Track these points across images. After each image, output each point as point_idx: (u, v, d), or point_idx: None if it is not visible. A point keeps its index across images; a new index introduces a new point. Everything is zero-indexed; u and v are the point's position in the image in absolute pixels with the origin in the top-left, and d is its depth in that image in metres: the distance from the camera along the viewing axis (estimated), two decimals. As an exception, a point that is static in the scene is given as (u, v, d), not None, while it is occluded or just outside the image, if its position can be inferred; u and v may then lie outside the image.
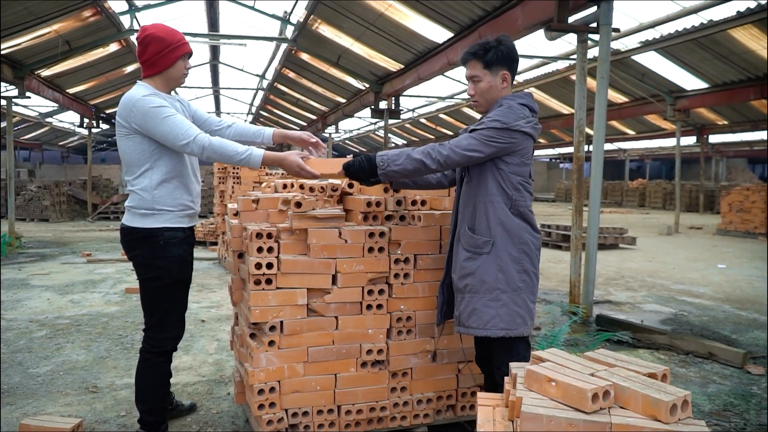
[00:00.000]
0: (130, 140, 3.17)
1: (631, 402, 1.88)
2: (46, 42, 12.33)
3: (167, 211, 3.24)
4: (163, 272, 3.27)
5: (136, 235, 3.25)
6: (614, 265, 10.77)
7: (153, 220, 3.22)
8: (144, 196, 3.21)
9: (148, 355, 3.38)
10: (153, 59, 3.21)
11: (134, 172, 3.22)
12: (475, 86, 3.07)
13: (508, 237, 2.98)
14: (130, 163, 3.23)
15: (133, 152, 3.18)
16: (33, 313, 6.63)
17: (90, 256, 10.85)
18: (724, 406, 4.25)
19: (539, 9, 7.55)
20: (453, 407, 3.68)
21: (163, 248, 3.24)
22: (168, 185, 3.24)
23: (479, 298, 3.00)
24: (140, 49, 3.24)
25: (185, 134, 3.07)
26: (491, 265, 2.98)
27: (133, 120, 3.10)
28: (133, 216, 3.26)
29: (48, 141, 38.76)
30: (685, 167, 32.45)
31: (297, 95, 22.44)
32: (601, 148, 6.39)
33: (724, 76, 14.51)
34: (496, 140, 2.91)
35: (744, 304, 7.62)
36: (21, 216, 18.43)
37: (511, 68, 3.05)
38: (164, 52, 3.20)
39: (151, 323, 3.38)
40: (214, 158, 3.11)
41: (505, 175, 2.98)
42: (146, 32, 3.20)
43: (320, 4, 11.80)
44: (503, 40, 3.02)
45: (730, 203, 16.91)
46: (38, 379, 4.55)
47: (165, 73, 3.26)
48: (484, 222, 3.00)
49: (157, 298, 3.33)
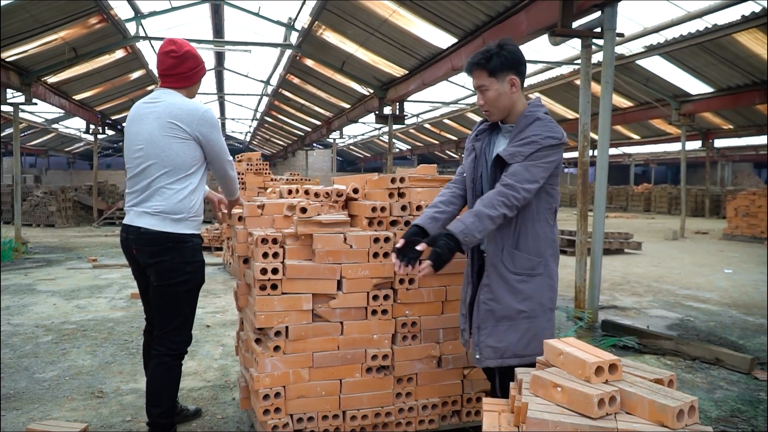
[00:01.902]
0: (186, 144, 3.28)
1: (637, 407, 1.88)
2: (52, 49, 12.39)
3: (197, 218, 3.41)
4: (192, 276, 3.39)
5: (167, 240, 3.27)
6: (620, 270, 10.74)
7: (184, 226, 3.32)
8: (183, 201, 3.29)
9: (167, 358, 3.40)
10: (189, 74, 3.42)
11: (177, 174, 3.28)
12: (484, 96, 2.92)
13: (554, 255, 2.93)
14: (177, 165, 3.27)
15: (185, 156, 3.29)
16: (39, 318, 6.64)
17: (96, 261, 10.88)
18: (731, 412, 4.23)
19: (543, 14, 7.55)
20: (458, 413, 3.68)
21: (192, 253, 3.37)
22: (199, 193, 3.42)
23: (539, 321, 2.87)
24: (175, 62, 3.35)
25: (227, 151, 3.51)
26: (545, 286, 2.89)
27: (199, 128, 3.29)
28: (162, 221, 3.25)
29: (54, 147, 38.93)
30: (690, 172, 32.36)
31: (301, 101, 22.48)
32: (606, 153, 6.38)
33: (729, 81, 14.48)
34: (552, 160, 2.80)
35: (751, 309, 7.58)
36: (27, 221, 18.51)
37: (519, 71, 2.90)
38: (197, 69, 3.47)
39: (171, 327, 3.40)
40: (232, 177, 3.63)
41: (549, 187, 2.88)
42: (184, 48, 3.38)
43: (325, 10, 11.83)
44: (505, 44, 2.88)
45: (736, 208, 16.86)
46: (44, 384, 4.56)
47: (192, 88, 3.51)
48: (532, 241, 2.87)
49: (181, 302, 3.40)
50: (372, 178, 3.83)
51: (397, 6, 10.47)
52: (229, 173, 3.56)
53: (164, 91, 3.38)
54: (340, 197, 3.71)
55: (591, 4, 6.47)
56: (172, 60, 3.34)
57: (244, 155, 10.70)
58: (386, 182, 3.60)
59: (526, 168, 2.75)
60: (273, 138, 39.29)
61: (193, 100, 3.42)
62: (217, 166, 3.49)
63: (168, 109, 3.26)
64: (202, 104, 3.40)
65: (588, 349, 2.12)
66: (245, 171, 9.91)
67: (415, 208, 3.58)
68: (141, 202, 3.29)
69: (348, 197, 3.74)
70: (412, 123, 27.58)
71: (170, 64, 3.35)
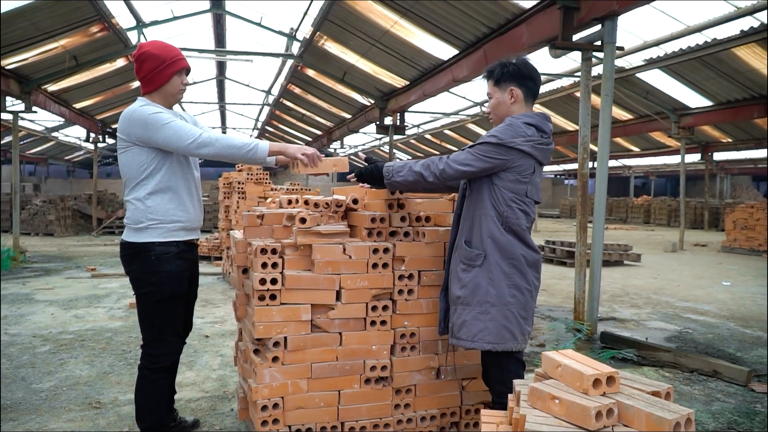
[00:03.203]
0: (129, 153, 3.20)
1: (634, 420, 1.88)
2: (53, 57, 12.43)
3: (159, 224, 3.24)
4: (156, 288, 3.26)
5: (130, 250, 3.27)
6: (619, 282, 10.74)
7: (145, 235, 3.23)
8: (138, 207, 3.22)
9: (146, 371, 3.36)
10: (149, 76, 3.25)
11: (130, 185, 3.26)
12: (490, 103, 3.18)
13: (498, 252, 3.01)
14: (127, 176, 3.26)
15: (131, 164, 3.21)
16: (37, 328, 6.63)
17: (94, 270, 10.88)
18: (729, 424, 4.23)
19: (544, 27, 7.60)
20: (457, 424, 3.67)
21: (155, 263, 3.23)
22: (160, 197, 3.24)
23: (470, 310, 3.03)
24: (137, 66, 3.28)
25: (189, 134, 3.09)
26: (483, 279, 3.01)
27: (133, 131, 3.14)
28: (128, 231, 3.30)
29: (54, 155, 38.95)
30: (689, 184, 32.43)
31: (302, 111, 22.53)
32: (606, 165, 6.40)
33: (728, 95, 14.54)
34: (490, 156, 2.96)
35: (749, 322, 7.58)
36: (26, 230, 18.51)
37: (523, 84, 3.09)
38: (160, 68, 3.23)
39: (148, 339, 3.37)
40: (222, 154, 3.11)
41: (499, 191, 3.01)
42: (142, 50, 3.24)
43: (326, 21, 11.89)
44: (517, 60, 3.12)
45: (735, 220, 16.87)
46: (41, 395, 4.55)
47: (162, 89, 3.29)
48: (479, 235, 3.05)
49: (152, 313, 3.32)
50: (372, 189, 3.84)
51: (399, 17, 10.52)
52: (202, 153, 3.11)
53: (138, 99, 3.32)
54: (340, 207, 3.71)
55: (591, 18, 6.52)
56: (135, 65, 3.28)
57: (244, 165, 10.72)
58: (386, 193, 3.61)
59: (462, 152, 3.04)
60: (273, 148, 39.28)
61: (135, 104, 3.22)
62: (188, 156, 3.31)
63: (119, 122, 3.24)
64: (136, 104, 3.22)
65: (586, 361, 2.12)
66: (245, 180, 9.92)
67: (415, 219, 3.59)
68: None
69: (348, 208, 3.75)
70: (413, 133, 27.63)
71: (135, 69, 3.29)
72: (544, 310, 7.83)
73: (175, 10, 12.96)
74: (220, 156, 3.12)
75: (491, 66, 3.16)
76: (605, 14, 6.34)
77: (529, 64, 3.12)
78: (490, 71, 3.15)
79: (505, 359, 3.03)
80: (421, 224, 3.61)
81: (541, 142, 3.02)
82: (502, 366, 3.03)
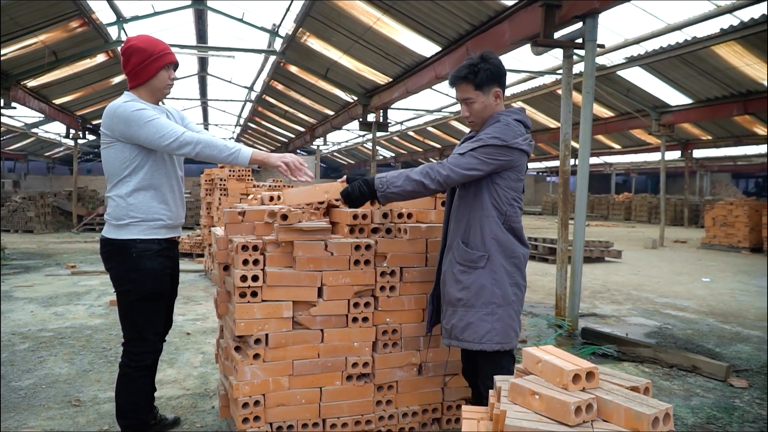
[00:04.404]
0: (112, 149, 3.17)
1: (613, 415, 1.89)
2: (32, 52, 12.29)
3: (140, 221, 3.20)
4: (136, 286, 3.23)
5: (110, 246, 3.23)
6: (600, 278, 10.83)
7: (126, 232, 3.19)
8: (119, 204, 3.19)
9: (128, 369, 3.33)
10: (135, 70, 3.21)
11: (112, 181, 3.22)
12: (470, 108, 3.04)
13: (501, 251, 2.99)
14: (110, 172, 3.23)
15: (114, 161, 3.17)
16: (16, 326, 6.56)
17: (74, 267, 10.77)
18: (707, 419, 4.28)
19: (526, 24, 7.63)
20: (438, 420, 3.68)
21: (136, 261, 3.20)
22: (143, 194, 3.21)
23: (475, 312, 2.99)
24: (124, 60, 3.24)
25: (171, 133, 3.06)
26: (487, 280, 2.98)
27: (116, 127, 3.10)
28: (108, 227, 3.25)
29: (33, 152, 38.50)
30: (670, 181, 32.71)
31: (285, 107, 22.47)
32: (587, 162, 6.44)
33: (707, 92, 14.70)
34: (496, 158, 2.91)
35: (727, 318, 7.67)
36: (5, 227, 18.29)
37: (501, 83, 3.05)
38: (146, 62, 3.19)
39: (128, 336, 3.34)
40: (204, 154, 3.08)
41: (501, 190, 2.98)
42: (129, 43, 3.22)
43: (309, 17, 11.86)
44: (489, 57, 3.01)
45: (714, 217, 17.07)
46: (20, 393, 4.50)
47: (148, 83, 3.25)
48: (479, 236, 3.00)
49: (132, 311, 3.29)
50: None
51: (382, 14, 10.52)
52: (182, 152, 3.10)
53: (124, 93, 3.28)
54: (322, 204, 3.71)
55: (573, 15, 6.56)
56: (122, 59, 3.25)
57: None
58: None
59: (462, 155, 2.93)
60: (256, 144, 39.16)
61: (114, 101, 3.19)
62: (171, 154, 3.25)
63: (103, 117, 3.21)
64: (120, 100, 3.17)
65: (566, 357, 2.13)
66: (228, 177, 9.87)
67: (397, 215, 3.59)
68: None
69: (329, 204, 3.75)
70: (395, 130, 27.68)
71: (122, 64, 3.26)
72: (527, 307, 7.86)
73: (156, 5, 12.87)
74: (200, 156, 3.09)
75: (465, 71, 3.00)
76: (586, 12, 6.38)
77: (499, 59, 3.06)
78: (469, 76, 2.99)
79: (501, 356, 3.03)
80: (402, 221, 3.61)
81: (530, 139, 3.05)
82: (497, 363, 3.01)
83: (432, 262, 3.55)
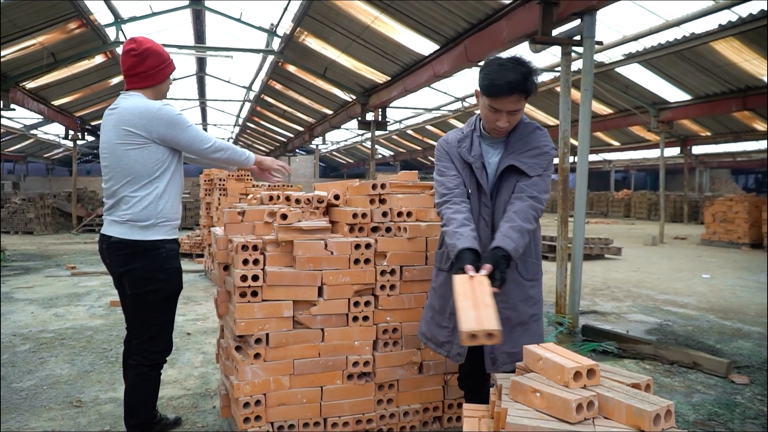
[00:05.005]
0: (145, 150, 3.14)
1: (614, 412, 1.89)
2: (31, 54, 12.29)
3: (166, 222, 3.26)
4: (164, 284, 3.26)
5: (136, 248, 3.19)
6: (600, 276, 10.83)
7: (153, 233, 3.20)
8: (148, 207, 3.18)
9: (144, 369, 3.33)
10: (150, 72, 3.24)
11: (139, 182, 3.17)
12: (512, 118, 2.77)
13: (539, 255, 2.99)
14: (138, 173, 3.17)
15: (146, 161, 3.15)
16: (16, 327, 6.56)
17: (74, 269, 10.76)
18: (709, 416, 4.28)
19: (524, 22, 7.63)
20: (439, 419, 3.68)
21: (164, 260, 3.24)
22: (168, 195, 3.26)
23: (542, 322, 2.97)
24: (135, 60, 3.21)
25: (207, 138, 3.28)
26: (542, 288, 2.99)
27: (156, 129, 3.12)
28: (131, 229, 3.18)
29: (33, 153, 38.52)
30: (669, 178, 32.76)
31: (284, 107, 22.46)
32: (586, 159, 6.44)
33: (706, 88, 14.70)
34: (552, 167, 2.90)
35: (728, 314, 7.67)
36: (5, 229, 18.29)
37: None
38: (161, 66, 3.26)
39: (147, 336, 3.33)
40: (230, 159, 3.38)
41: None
42: (144, 45, 3.22)
43: (307, 16, 11.85)
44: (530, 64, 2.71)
45: (714, 213, 17.06)
46: (21, 394, 4.50)
47: (158, 87, 3.31)
48: (534, 247, 2.92)
49: (155, 310, 3.30)
50: (353, 185, 3.84)
51: (379, 13, 10.51)
52: (215, 157, 3.33)
53: (126, 94, 3.27)
54: (321, 203, 3.71)
55: (570, 13, 6.55)
56: (133, 59, 3.22)
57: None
58: (367, 188, 3.61)
59: (543, 179, 2.81)
60: (255, 144, 39.19)
61: (151, 100, 3.23)
62: (199, 157, 3.39)
63: (122, 115, 3.15)
64: (157, 103, 3.21)
65: (567, 354, 2.14)
66: (227, 177, 9.87)
67: (396, 214, 3.59)
68: (111, 211, 3.23)
69: (329, 203, 3.74)
70: (394, 129, 27.67)
71: (131, 63, 3.23)
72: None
73: (154, 6, 12.87)
74: (227, 161, 3.38)
75: (520, 80, 2.64)
76: (584, 9, 6.37)
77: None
78: (529, 89, 2.68)
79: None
80: (402, 219, 3.60)
81: None
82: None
83: (432, 260, 3.52)
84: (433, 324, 3.08)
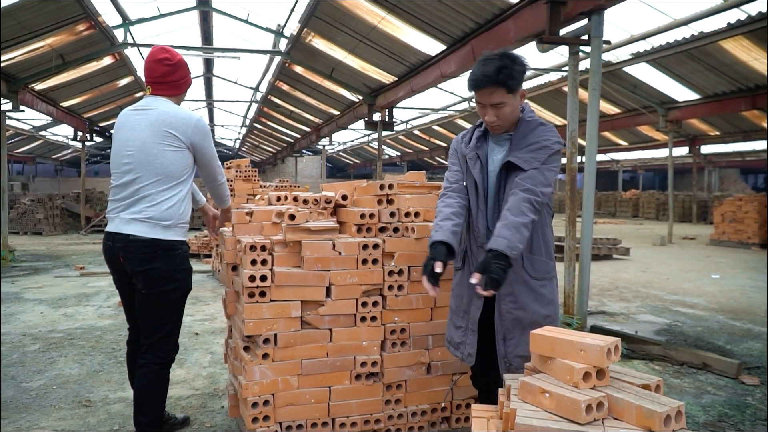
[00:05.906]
0: (179, 153, 3.28)
1: (625, 413, 1.89)
2: (40, 56, 12.34)
3: (184, 224, 3.39)
4: (181, 284, 3.36)
5: (157, 247, 3.22)
6: (608, 276, 10.79)
7: (173, 233, 3.29)
8: (172, 208, 3.27)
9: (155, 367, 3.35)
10: (180, 82, 3.45)
11: (168, 182, 3.26)
12: (498, 111, 2.78)
13: (552, 254, 2.96)
14: (170, 174, 3.25)
15: (178, 164, 3.28)
16: (26, 327, 6.59)
17: (83, 269, 10.81)
18: (719, 417, 4.25)
19: (531, 22, 7.60)
20: (448, 419, 3.68)
21: (181, 261, 3.35)
22: (187, 200, 3.41)
23: (557, 323, 2.88)
24: (169, 69, 3.37)
25: (218, 159, 3.58)
26: (556, 288, 2.95)
27: (194, 137, 3.31)
28: (152, 227, 3.21)
29: (41, 154, 38.71)
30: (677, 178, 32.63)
31: (291, 107, 22.47)
32: (594, 159, 6.42)
33: (715, 88, 14.62)
34: (558, 163, 2.85)
35: (738, 315, 7.63)
36: (14, 229, 18.37)
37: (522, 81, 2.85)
38: (187, 77, 3.53)
39: (159, 335, 3.35)
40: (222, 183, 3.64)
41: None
42: (177, 57, 3.43)
43: (313, 17, 11.85)
44: (515, 57, 2.75)
45: (723, 213, 16.98)
46: (31, 393, 4.52)
47: (181, 95, 3.53)
48: (544, 244, 2.89)
49: (170, 309, 3.37)
50: (361, 185, 3.84)
51: (386, 13, 10.50)
52: (219, 180, 3.58)
53: (155, 98, 3.37)
54: (329, 204, 3.71)
55: (578, 12, 6.52)
56: (166, 68, 3.36)
57: (233, 162, 10.65)
58: (375, 189, 3.61)
59: (541, 172, 2.76)
60: (262, 145, 39.26)
61: (181, 110, 3.37)
62: (208, 174, 3.52)
63: (162, 116, 3.25)
64: (194, 113, 3.41)
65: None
66: (234, 178, 9.88)
67: (404, 214, 3.59)
68: (129, 209, 3.23)
69: (337, 204, 3.75)
70: (401, 129, 27.63)
71: (164, 72, 3.35)
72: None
73: (162, 7, 12.88)
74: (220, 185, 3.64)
75: (494, 73, 2.68)
76: (592, 8, 6.35)
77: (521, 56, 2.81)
78: (503, 79, 2.69)
79: None
80: (410, 220, 3.60)
81: None
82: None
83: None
84: (451, 326, 3.10)
